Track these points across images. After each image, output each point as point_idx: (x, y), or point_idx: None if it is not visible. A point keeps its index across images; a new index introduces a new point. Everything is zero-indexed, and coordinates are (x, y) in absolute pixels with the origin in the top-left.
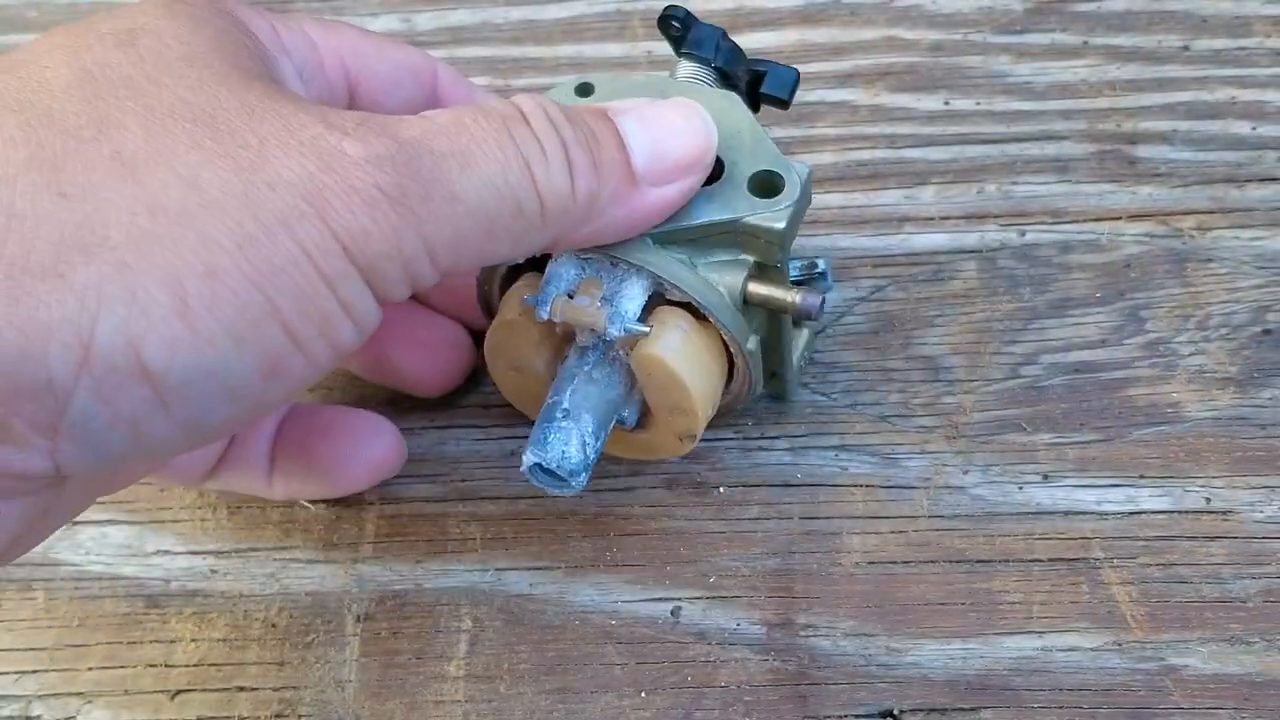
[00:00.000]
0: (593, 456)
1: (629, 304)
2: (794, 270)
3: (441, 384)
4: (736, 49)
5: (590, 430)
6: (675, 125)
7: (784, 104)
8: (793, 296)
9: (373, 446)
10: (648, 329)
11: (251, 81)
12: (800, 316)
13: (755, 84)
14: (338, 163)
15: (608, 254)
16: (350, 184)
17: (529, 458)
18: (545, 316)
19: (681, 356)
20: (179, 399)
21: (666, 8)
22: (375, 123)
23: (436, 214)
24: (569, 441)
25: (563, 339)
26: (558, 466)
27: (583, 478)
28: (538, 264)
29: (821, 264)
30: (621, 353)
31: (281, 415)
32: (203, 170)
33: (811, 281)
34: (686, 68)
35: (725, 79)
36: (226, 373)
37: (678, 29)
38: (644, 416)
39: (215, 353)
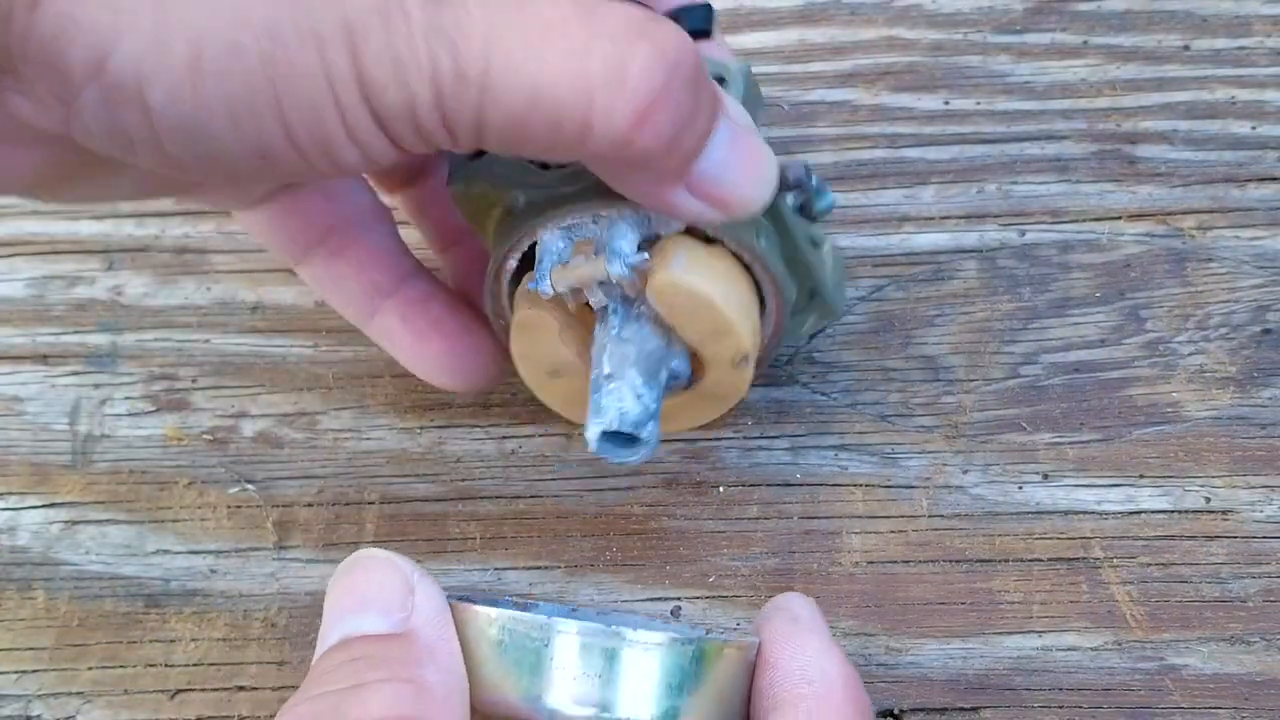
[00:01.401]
0: (652, 406)
1: (622, 242)
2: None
3: (478, 383)
4: None
5: (640, 382)
6: (750, 169)
7: (706, 34)
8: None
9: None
10: (647, 255)
11: None
12: (790, 188)
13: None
14: (389, 13)
15: (589, 210)
16: (390, 37)
17: (591, 429)
18: (548, 290)
19: (692, 272)
20: (171, 140)
21: None
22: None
23: (460, 96)
24: (622, 398)
25: (583, 323)
26: (620, 424)
27: (651, 427)
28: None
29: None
30: (644, 307)
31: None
32: None
33: (801, 187)
34: None
35: None
36: (215, 141)
37: None
38: (696, 366)
39: (210, 119)
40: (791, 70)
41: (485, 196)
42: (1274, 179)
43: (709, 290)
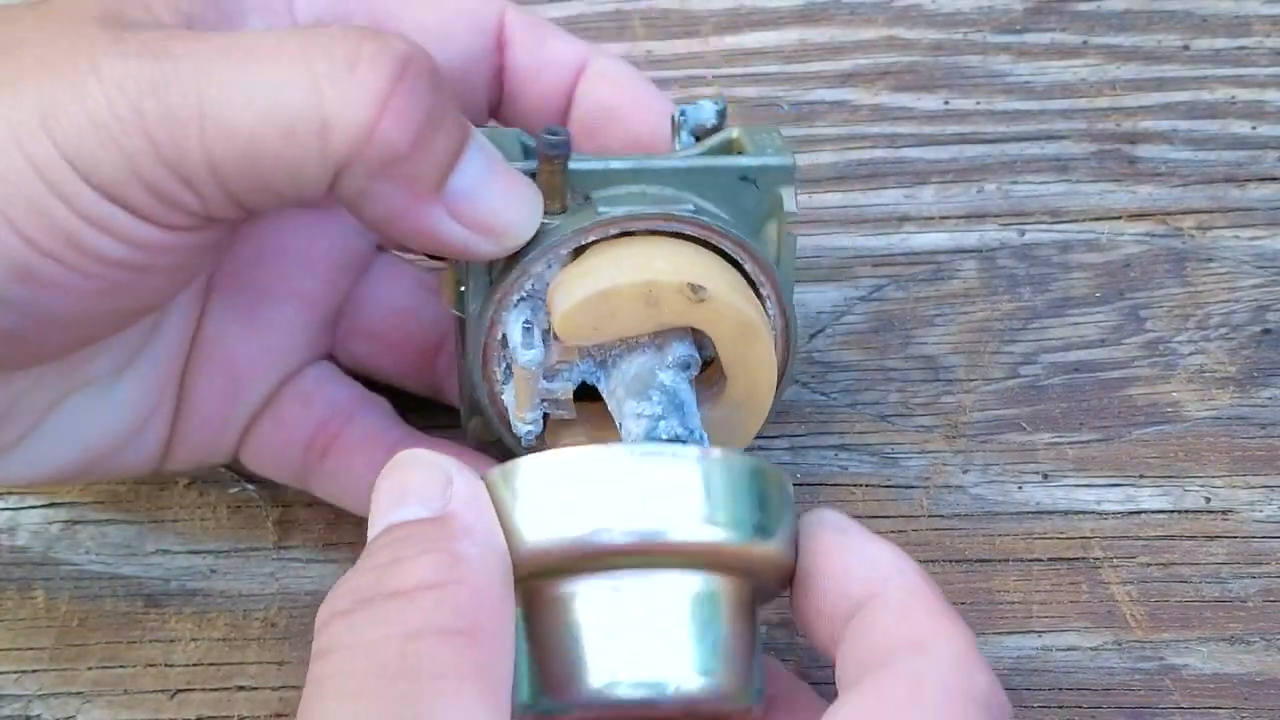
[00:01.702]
0: (669, 407)
1: (513, 332)
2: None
3: None
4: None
5: (648, 403)
6: (510, 193)
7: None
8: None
9: None
10: (540, 330)
11: (94, 20)
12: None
13: None
14: (81, 83)
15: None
16: (84, 105)
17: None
18: (536, 430)
19: (571, 293)
20: None
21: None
22: (157, 44)
23: (178, 138)
24: (656, 428)
25: (598, 415)
26: (669, 436)
27: (685, 421)
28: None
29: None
30: (604, 350)
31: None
32: None
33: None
34: None
35: None
36: None
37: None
38: (705, 354)
39: None
40: (791, 70)
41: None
42: (1274, 179)
43: (592, 287)
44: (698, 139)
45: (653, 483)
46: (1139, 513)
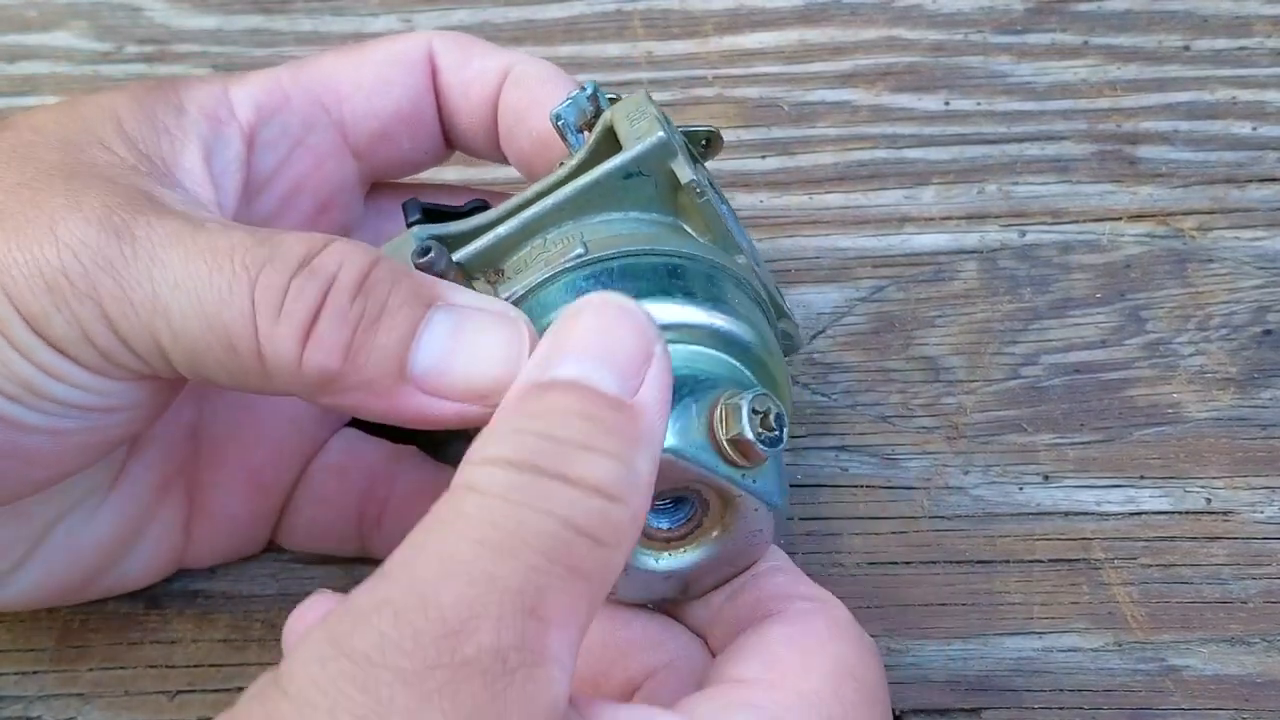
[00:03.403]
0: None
1: None
2: None
3: None
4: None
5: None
6: (484, 349)
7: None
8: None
9: None
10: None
11: (54, 168)
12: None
13: None
14: (39, 243)
15: None
16: (40, 266)
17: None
18: None
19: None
20: None
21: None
22: (117, 216)
23: (130, 320)
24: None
25: None
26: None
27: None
28: None
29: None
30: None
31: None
32: None
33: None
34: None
35: None
36: None
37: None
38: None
39: None
40: (792, 70)
41: None
42: (1274, 179)
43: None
44: (585, 129)
45: None
46: (1140, 514)
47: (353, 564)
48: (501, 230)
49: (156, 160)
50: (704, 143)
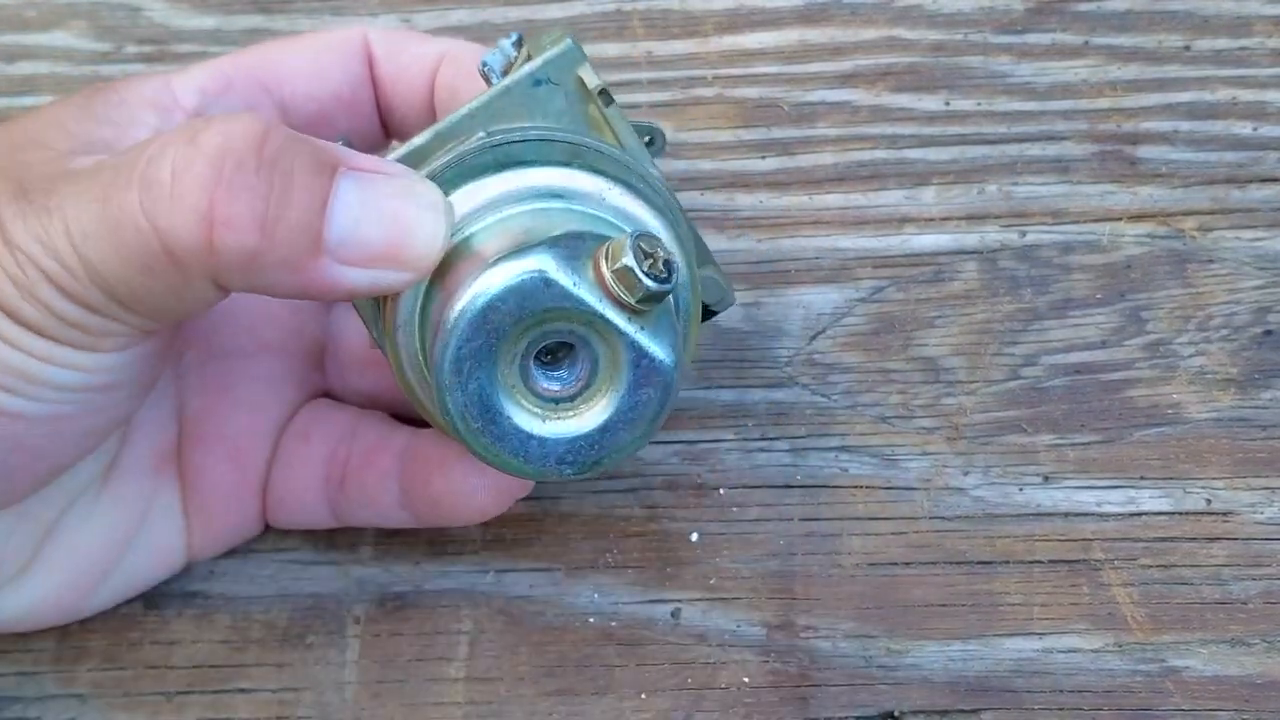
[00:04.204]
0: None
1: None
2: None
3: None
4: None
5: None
6: (399, 213)
7: None
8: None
9: (489, 475)
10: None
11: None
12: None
13: None
14: None
15: None
16: (3, 266)
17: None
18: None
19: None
20: None
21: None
22: (40, 199)
23: (77, 283)
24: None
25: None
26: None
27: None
28: None
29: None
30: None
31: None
32: None
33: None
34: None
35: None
36: None
37: None
38: None
39: None
40: (792, 70)
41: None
42: (1275, 180)
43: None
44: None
45: None
46: (1140, 514)
47: (351, 566)
48: (416, 140)
49: (95, 142)
50: (648, 140)
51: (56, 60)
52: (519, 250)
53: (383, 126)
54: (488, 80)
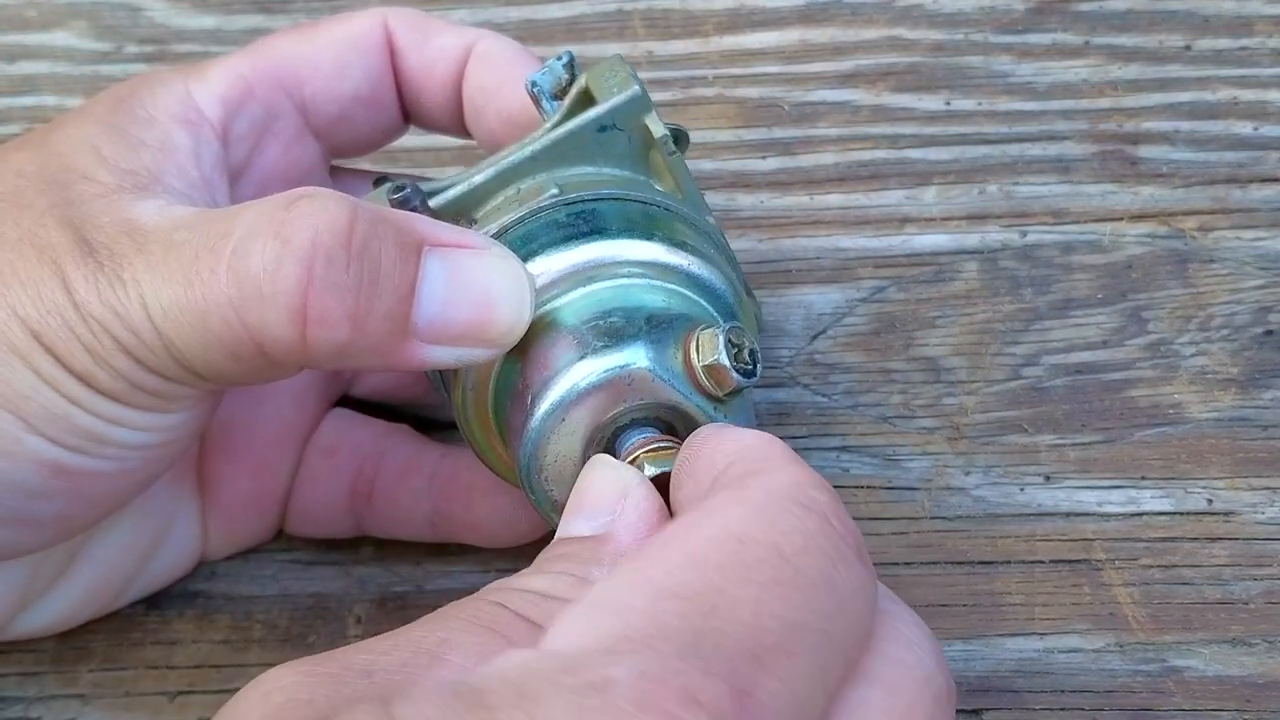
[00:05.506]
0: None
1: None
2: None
3: (525, 537)
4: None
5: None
6: (484, 291)
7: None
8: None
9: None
10: None
11: (48, 214)
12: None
13: None
14: (56, 299)
15: None
16: (70, 326)
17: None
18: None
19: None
20: None
21: None
22: (113, 261)
23: (158, 358)
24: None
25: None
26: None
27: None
28: None
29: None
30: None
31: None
32: None
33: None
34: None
35: None
36: (14, 482)
37: None
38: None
39: None
40: (793, 70)
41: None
42: (1276, 180)
43: None
44: (559, 97)
45: None
46: (1141, 514)
47: (352, 565)
48: (476, 178)
49: (141, 173)
50: (673, 139)
51: (57, 60)
52: (611, 343)
53: (403, 113)
54: (536, 102)
